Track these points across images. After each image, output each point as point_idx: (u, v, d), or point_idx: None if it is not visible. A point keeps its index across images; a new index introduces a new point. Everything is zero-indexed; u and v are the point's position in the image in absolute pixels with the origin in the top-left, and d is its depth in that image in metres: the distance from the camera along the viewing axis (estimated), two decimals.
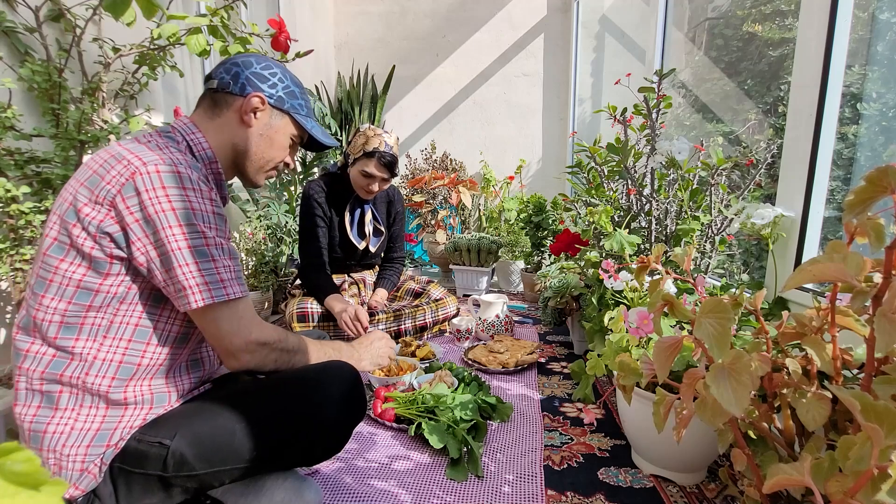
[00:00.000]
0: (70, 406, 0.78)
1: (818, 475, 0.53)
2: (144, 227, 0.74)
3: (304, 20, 3.17)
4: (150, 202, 0.74)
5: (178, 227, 0.75)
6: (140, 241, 0.75)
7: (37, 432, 0.77)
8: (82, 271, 0.75)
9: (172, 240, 0.74)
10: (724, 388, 0.56)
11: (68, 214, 0.75)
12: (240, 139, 0.93)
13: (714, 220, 1.44)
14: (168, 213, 0.74)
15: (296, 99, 0.97)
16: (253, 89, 0.91)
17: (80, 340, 0.77)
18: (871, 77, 1.59)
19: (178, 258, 0.75)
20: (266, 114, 0.93)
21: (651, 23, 2.35)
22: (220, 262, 0.79)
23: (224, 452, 0.79)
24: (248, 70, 0.91)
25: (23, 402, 0.78)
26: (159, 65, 1.53)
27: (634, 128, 1.69)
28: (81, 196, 0.75)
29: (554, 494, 1.03)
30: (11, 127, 1.21)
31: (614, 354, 1.00)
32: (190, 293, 0.76)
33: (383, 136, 1.76)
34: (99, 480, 0.79)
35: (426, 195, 3.39)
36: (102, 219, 0.74)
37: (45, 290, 0.75)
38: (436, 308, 2.01)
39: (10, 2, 1.29)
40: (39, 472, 0.21)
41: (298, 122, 0.98)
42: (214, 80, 0.92)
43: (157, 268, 0.76)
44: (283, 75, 0.96)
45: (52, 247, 0.76)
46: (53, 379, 0.77)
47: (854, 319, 0.63)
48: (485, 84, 3.68)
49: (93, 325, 0.77)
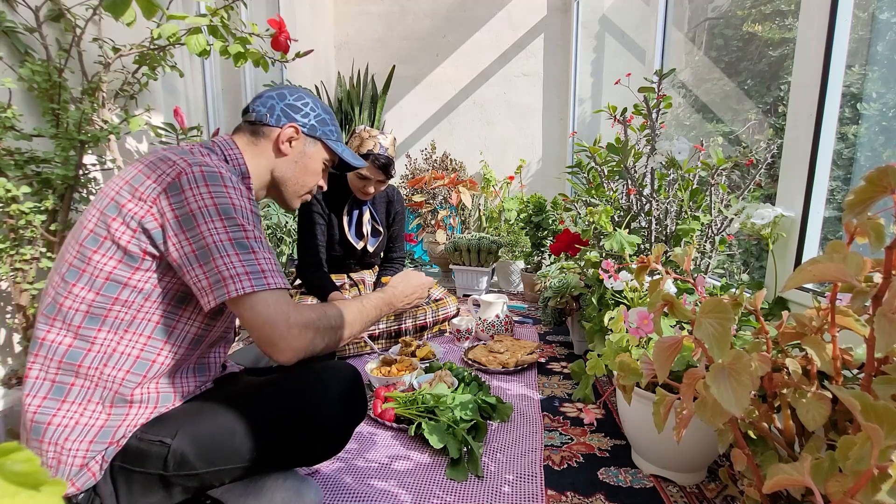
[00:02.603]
0: (77, 401, 0.78)
1: (818, 475, 0.53)
2: (184, 223, 0.76)
3: (304, 20, 3.17)
4: (194, 198, 0.77)
5: (219, 220, 0.77)
6: (177, 237, 0.77)
7: (40, 423, 0.77)
8: (113, 263, 0.77)
9: (214, 232, 0.77)
10: (724, 388, 0.56)
11: (109, 208, 0.78)
12: (277, 166, 1.00)
13: (714, 220, 1.44)
14: (210, 208, 0.77)
15: (326, 126, 1.03)
16: (288, 120, 0.98)
17: (101, 331, 0.78)
18: (871, 77, 1.59)
19: (220, 249, 0.76)
20: (300, 142, 1.00)
21: (651, 23, 2.35)
22: (261, 255, 0.80)
23: (225, 452, 0.80)
24: (283, 102, 0.98)
25: (31, 391, 0.78)
26: (159, 65, 1.53)
27: (634, 128, 1.69)
28: (125, 192, 0.78)
29: (554, 494, 1.03)
30: (11, 127, 1.21)
31: (614, 354, 1.00)
32: (231, 282, 0.76)
33: (378, 137, 1.76)
34: (98, 478, 0.79)
35: (426, 195, 3.39)
36: (143, 214, 0.77)
37: (76, 279, 0.78)
38: (436, 308, 2.01)
39: (10, 2, 1.29)
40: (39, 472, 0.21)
41: (330, 147, 1.05)
42: (252, 113, 0.98)
43: (191, 263, 0.77)
44: (314, 105, 1.02)
45: (89, 238, 0.78)
46: (70, 368, 0.77)
47: (854, 319, 0.63)
48: (485, 84, 3.68)
49: (116, 318, 0.79)
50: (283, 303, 0.79)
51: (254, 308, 0.77)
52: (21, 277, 1.24)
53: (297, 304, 0.82)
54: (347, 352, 1.84)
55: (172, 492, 0.81)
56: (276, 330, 0.77)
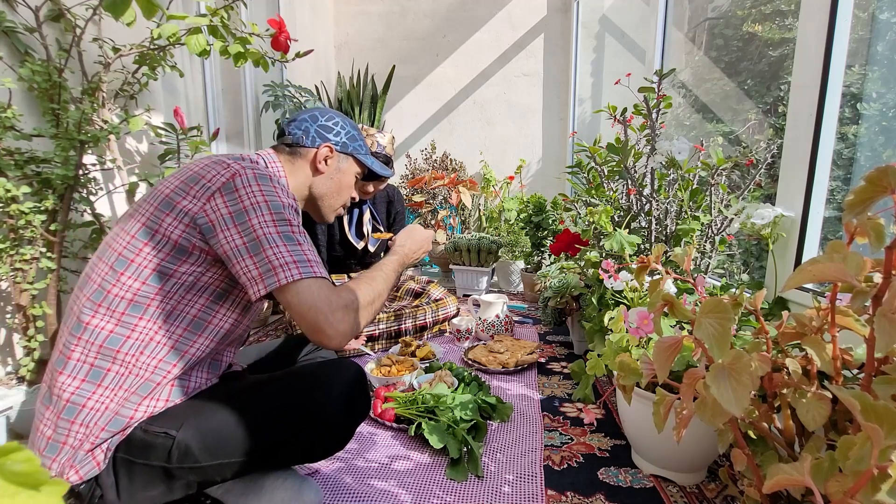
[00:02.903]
0: (111, 386, 0.81)
1: (818, 475, 0.53)
2: (236, 217, 0.82)
3: (304, 20, 3.17)
4: (246, 196, 0.84)
5: (269, 215, 0.83)
6: (229, 231, 0.82)
7: (76, 405, 0.80)
8: (162, 256, 0.83)
9: (264, 226, 0.82)
10: (724, 388, 0.56)
11: (163, 205, 0.84)
12: (315, 183, 1.08)
13: (714, 220, 1.44)
14: (262, 204, 0.84)
15: (356, 141, 1.12)
16: (322, 140, 1.07)
17: (143, 320, 0.82)
18: (871, 77, 1.59)
19: (270, 241, 0.82)
20: (335, 159, 1.09)
21: (651, 23, 2.35)
22: (305, 246, 0.86)
23: (229, 445, 0.81)
24: (316, 124, 1.07)
25: (70, 371, 0.81)
26: (159, 65, 1.53)
27: (634, 128, 1.69)
28: (179, 190, 0.84)
29: (554, 494, 1.03)
30: (11, 127, 1.21)
31: (614, 354, 1.00)
32: (281, 270, 0.81)
33: (376, 136, 1.76)
34: (102, 468, 0.80)
35: (426, 195, 3.39)
36: (197, 211, 0.82)
37: (125, 269, 0.82)
38: (436, 308, 2.01)
39: (10, 2, 1.29)
40: (39, 472, 0.21)
41: (360, 161, 1.14)
42: (289, 136, 1.06)
43: (241, 254, 0.82)
44: (344, 123, 1.11)
45: (141, 231, 0.84)
46: (109, 354, 0.81)
47: (854, 319, 0.63)
48: (485, 84, 3.68)
49: (157, 307, 0.83)
50: (325, 289, 0.84)
51: (300, 294, 0.81)
52: (21, 277, 1.24)
53: (336, 289, 0.87)
54: (347, 352, 1.84)
55: (173, 486, 0.82)
56: (320, 315, 0.81)
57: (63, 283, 1.36)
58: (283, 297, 0.82)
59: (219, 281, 0.87)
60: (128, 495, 0.81)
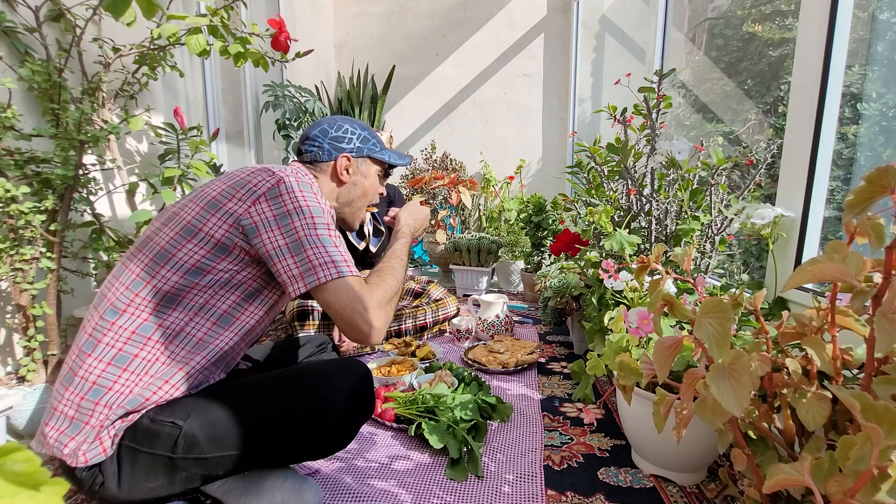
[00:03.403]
0: (137, 371, 0.84)
1: (818, 475, 0.53)
2: (280, 220, 0.88)
3: (304, 20, 3.17)
4: (290, 200, 0.89)
5: (310, 218, 0.89)
6: (271, 233, 0.87)
7: (102, 387, 0.82)
8: (203, 252, 0.87)
9: (306, 228, 0.88)
10: (724, 388, 0.56)
11: (209, 206, 0.89)
12: (340, 193, 1.13)
13: (714, 220, 1.44)
14: (304, 208, 0.89)
15: (369, 142, 1.14)
16: (338, 152, 1.10)
17: (175, 311, 0.87)
18: (871, 77, 1.59)
19: (310, 242, 0.87)
20: (354, 166, 1.12)
21: (651, 23, 2.35)
22: (342, 248, 0.91)
23: (234, 437, 0.82)
24: (328, 138, 1.10)
25: (98, 355, 0.83)
26: (159, 65, 1.53)
27: (634, 128, 1.69)
28: (226, 192, 0.90)
29: (554, 494, 1.03)
30: (11, 127, 1.21)
31: (614, 354, 1.00)
32: (320, 269, 0.86)
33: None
34: (108, 455, 0.81)
35: (426, 195, 3.39)
36: (242, 213, 0.88)
37: (165, 262, 0.87)
38: (436, 308, 2.01)
39: (10, 2, 1.29)
40: (39, 472, 0.21)
41: (378, 159, 1.16)
42: (306, 154, 1.10)
43: (283, 254, 0.87)
44: (353, 127, 1.13)
45: (186, 228, 0.88)
46: (140, 340, 0.84)
47: (854, 319, 0.63)
48: (485, 84, 3.68)
49: (191, 300, 0.88)
50: (359, 288, 0.89)
51: (337, 292, 0.87)
52: (21, 277, 1.24)
53: (369, 286, 0.93)
54: (348, 352, 1.84)
55: (175, 478, 0.82)
56: (356, 313, 0.87)
57: (63, 283, 1.36)
58: (321, 295, 0.87)
59: (252, 280, 0.92)
60: (128, 485, 0.81)
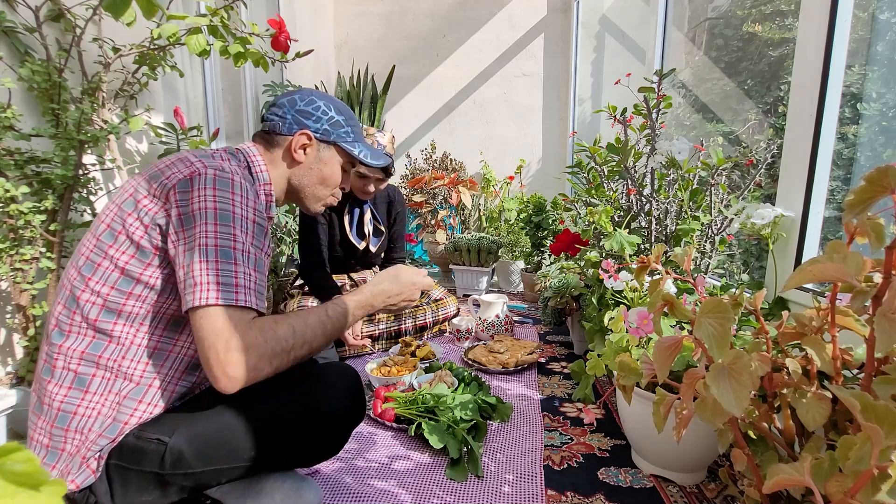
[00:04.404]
0: (100, 391, 0.79)
1: (818, 475, 0.53)
2: (184, 221, 0.77)
3: (304, 20, 3.17)
4: (198, 199, 0.77)
5: (213, 224, 0.76)
6: (175, 234, 0.77)
7: (66, 412, 0.78)
8: (126, 258, 0.78)
9: (203, 235, 0.75)
10: (724, 388, 0.56)
11: (126, 204, 0.80)
12: (293, 175, 0.99)
13: (714, 220, 1.44)
14: (209, 210, 0.76)
15: (341, 128, 1.00)
16: (299, 127, 0.96)
17: (118, 324, 0.79)
18: (871, 77, 1.59)
19: (202, 254, 0.75)
20: (314, 148, 0.99)
21: (651, 23, 2.35)
22: (242, 268, 0.77)
23: (222, 451, 0.79)
24: (294, 109, 0.97)
25: (57, 380, 0.79)
26: (159, 65, 1.53)
27: (634, 128, 1.69)
28: (142, 188, 0.80)
29: (554, 494, 1.03)
30: (11, 127, 1.21)
31: (614, 354, 1.00)
32: (198, 289, 0.73)
33: (376, 136, 1.76)
34: (97, 476, 0.79)
35: (426, 195, 3.39)
36: (157, 210, 0.78)
37: (92, 273, 0.79)
38: (436, 308, 2.01)
39: (10, 2, 1.29)
40: (39, 472, 0.21)
41: (345, 150, 1.01)
42: (267, 122, 0.98)
43: (179, 262, 0.77)
44: (328, 107, 0.99)
45: (106, 232, 0.80)
46: (92, 360, 0.78)
47: (854, 319, 0.63)
48: (485, 84, 3.68)
49: (131, 311, 0.79)
50: (234, 323, 0.73)
51: (201, 320, 0.72)
52: (21, 277, 1.24)
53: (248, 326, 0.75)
54: (348, 352, 1.84)
55: (168, 491, 0.81)
56: (211, 351, 0.72)
57: None
58: (191, 321, 0.74)
59: None
60: (122, 501, 0.80)
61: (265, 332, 0.77)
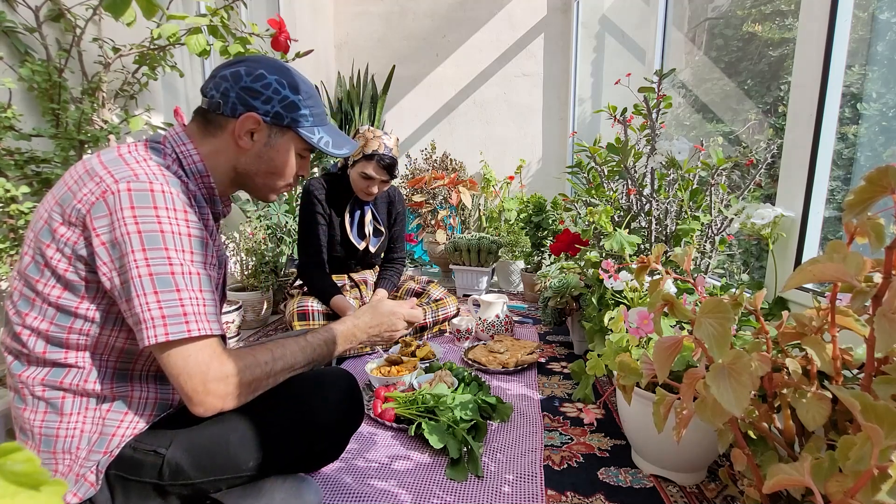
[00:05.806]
0: (76, 410, 0.76)
1: (818, 475, 0.53)
2: (111, 250, 0.69)
3: (304, 20, 3.17)
4: (118, 223, 0.68)
5: (141, 251, 0.67)
6: (106, 266, 0.69)
7: (48, 437, 0.76)
8: (57, 293, 0.72)
9: (134, 266, 0.67)
10: (724, 388, 0.56)
11: (43, 234, 0.72)
12: (239, 162, 0.86)
13: (714, 220, 1.44)
14: (133, 235, 0.68)
15: (297, 110, 0.84)
16: (245, 108, 0.81)
17: (70, 354, 0.74)
18: (871, 77, 1.59)
19: (138, 287, 0.67)
20: (264, 133, 0.84)
21: (651, 23, 2.35)
22: (186, 293, 0.69)
23: (220, 461, 0.79)
24: (238, 85, 0.80)
25: (30, 407, 0.76)
26: (159, 65, 1.53)
27: (634, 128, 1.69)
28: (55, 215, 0.71)
29: (554, 494, 1.03)
30: (11, 127, 1.21)
31: (614, 354, 1.00)
32: (145, 326, 0.67)
33: (383, 137, 1.76)
34: (97, 488, 0.77)
35: (426, 195, 3.39)
36: (76, 240, 0.70)
37: (29, 309, 0.73)
38: (436, 308, 2.01)
39: (10, 2, 1.29)
40: (39, 472, 0.21)
41: (303, 137, 0.86)
42: (205, 98, 0.83)
43: (119, 297, 0.70)
44: (280, 84, 0.82)
45: (30, 267, 0.73)
46: (54, 386, 0.75)
47: (854, 319, 0.63)
48: (485, 84, 3.68)
49: (77, 343, 0.74)
50: (205, 353, 0.70)
51: (168, 357, 0.69)
52: None
53: (222, 353, 0.72)
54: (348, 352, 1.84)
55: (169, 500, 0.80)
56: (190, 384, 0.69)
57: None
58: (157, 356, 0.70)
59: None
60: None
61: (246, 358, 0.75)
